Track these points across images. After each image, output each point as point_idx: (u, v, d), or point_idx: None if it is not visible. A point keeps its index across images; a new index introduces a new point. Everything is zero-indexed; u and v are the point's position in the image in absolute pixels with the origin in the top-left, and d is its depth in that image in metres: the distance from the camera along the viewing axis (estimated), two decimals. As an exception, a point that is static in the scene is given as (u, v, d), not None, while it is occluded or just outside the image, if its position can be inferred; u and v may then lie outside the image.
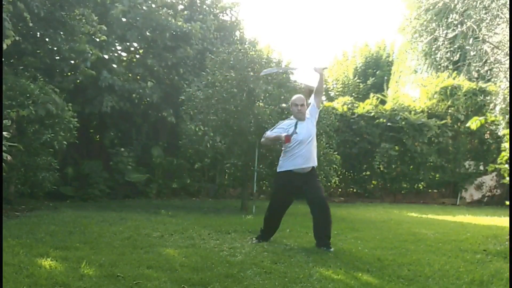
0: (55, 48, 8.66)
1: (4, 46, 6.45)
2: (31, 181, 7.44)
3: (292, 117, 5.17)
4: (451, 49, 9.42)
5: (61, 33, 8.29)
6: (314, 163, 5.03)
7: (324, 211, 4.86)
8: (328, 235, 4.83)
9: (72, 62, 9.11)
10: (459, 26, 7.83)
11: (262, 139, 5.21)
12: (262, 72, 5.66)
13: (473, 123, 6.35)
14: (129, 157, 10.03)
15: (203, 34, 10.75)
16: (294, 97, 5.21)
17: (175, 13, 10.70)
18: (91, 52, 8.61)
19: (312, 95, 5.21)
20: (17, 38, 7.09)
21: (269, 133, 5.12)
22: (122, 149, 10.05)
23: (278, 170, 5.08)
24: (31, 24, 7.47)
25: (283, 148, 5.06)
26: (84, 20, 8.54)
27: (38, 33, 8.31)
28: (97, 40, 9.25)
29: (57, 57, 8.77)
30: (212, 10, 11.75)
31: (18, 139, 6.77)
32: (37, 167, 7.32)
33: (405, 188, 13.00)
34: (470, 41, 7.70)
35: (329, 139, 9.70)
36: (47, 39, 8.43)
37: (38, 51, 8.54)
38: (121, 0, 9.90)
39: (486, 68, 7.87)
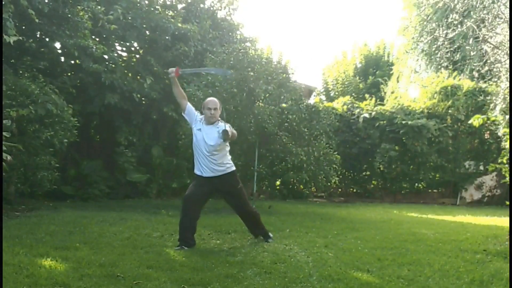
0: (59, 45, 8.64)
1: (10, 41, 6.43)
2: (30, 181, 7.43)
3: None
4: (451, 49, 9.40)
5: (66, 30, 8.26)
6: (225, 170, 4.93)
7: (250, 218, 5.13)
8: (262, 229, 5.17)
9: (72, 62, 9.09)
10: (459, 26, 7.82)
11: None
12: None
13: (476, 120, 6.34)
14: (132, 157, 10.04)
15: (202, 35, 10.73)
16: (207, 100, 4.94)
17: (174, 14, 10.68)
18: (94, 47, 8.59)
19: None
20: (20, 38, 7.06)
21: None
22: (126, 150, 10.04)
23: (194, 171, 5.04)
24: (37, 20, 7.43)
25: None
26: (90, 13, 8.50)
27: (42, 31, 8.28)
28: (104, 35, 9.22)
29: (61, 55, 8.72)
30: (209, 8, 11.71)
31: (18, 138, 6.76)
32: (37, 167, 7.31)
33: (405, 188, 13.00)
34: (470, 41, 7.69)
35: (329, 139, 9.69)
36: (50, 37, 8.42)
37: (42, 49, 8.51)
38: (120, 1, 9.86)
39: (486, 68, 7.86)
